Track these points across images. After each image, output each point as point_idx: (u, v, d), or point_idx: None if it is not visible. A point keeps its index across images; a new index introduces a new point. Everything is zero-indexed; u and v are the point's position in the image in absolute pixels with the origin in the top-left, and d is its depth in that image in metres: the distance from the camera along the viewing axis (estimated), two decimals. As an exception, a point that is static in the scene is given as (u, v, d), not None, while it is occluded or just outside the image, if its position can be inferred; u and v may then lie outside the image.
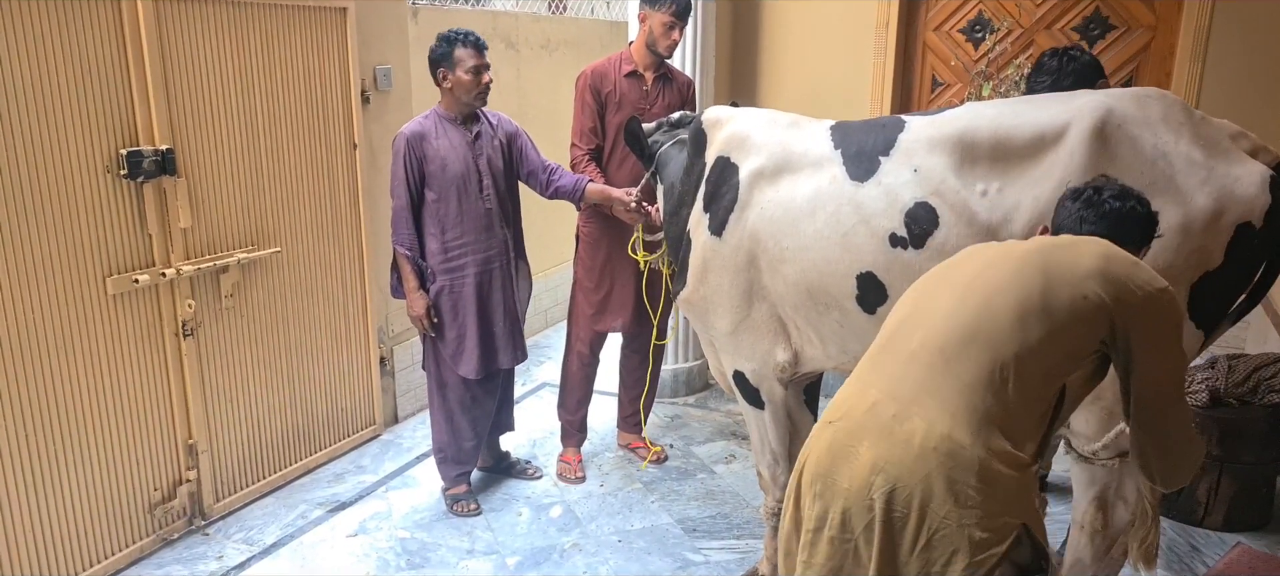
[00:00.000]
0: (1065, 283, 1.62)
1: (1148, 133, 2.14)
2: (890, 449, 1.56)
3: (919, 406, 1.58)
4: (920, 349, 1.65)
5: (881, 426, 1.59)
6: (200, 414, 3.39)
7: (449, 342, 3.41)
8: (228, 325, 3.46)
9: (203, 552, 3.28)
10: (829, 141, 2.52)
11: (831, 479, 1.64)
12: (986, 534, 1.53)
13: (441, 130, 3.33)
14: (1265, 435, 3.20)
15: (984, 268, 1.71)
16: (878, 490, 1.55)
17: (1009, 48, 4.12)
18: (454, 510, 3.55)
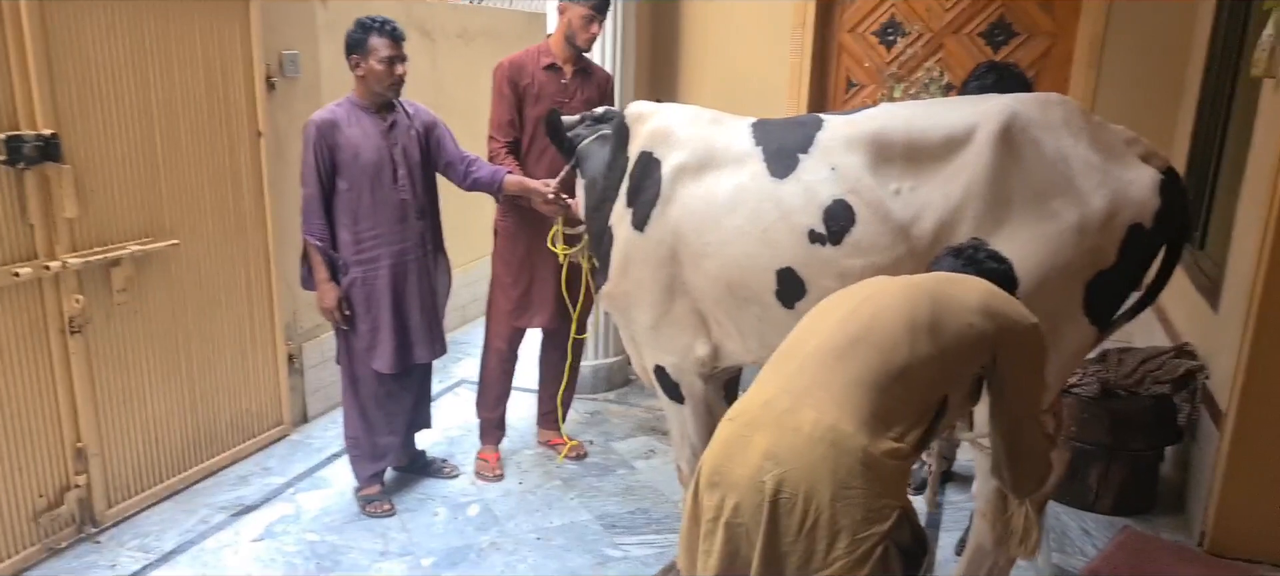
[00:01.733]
0: (953, 312, 1.79)
1: (1050, 136, 2.23)
2: (780, 437, 1.67)
3: (810, 399, 1.70)
4: (815, 351, 1.78)
5: (774, 418, 1.70)
6: (90, 415, 3.20)
7: (362, 336, 3.33)
8: (121, 321, 3.28)
9: (94, 561, 3.11)
10: (750, 138, 2.55)
11: (726, 470, 1.73)
12: (869, 514, 1.64)
13: (354, 118, 3.24)
14: (1151, 424, 3.39)
15: (877, 290, 1.87)
16: (768, 475, 1.65)
17: (919, 51, 4.25)
18: (367, 511, 3.46)
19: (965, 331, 1.78)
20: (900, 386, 1.72)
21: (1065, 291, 2.26)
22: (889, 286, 1.87)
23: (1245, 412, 3.02)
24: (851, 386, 1.70)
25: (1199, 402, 3.39)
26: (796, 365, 1.78)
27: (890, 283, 1.90)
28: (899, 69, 4.28)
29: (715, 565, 1.73)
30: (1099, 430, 3.37)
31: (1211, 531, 3.16)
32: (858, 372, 1.71)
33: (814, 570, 1.64)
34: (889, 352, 1.73)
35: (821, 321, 1.87)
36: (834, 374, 1.72)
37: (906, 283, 1.88)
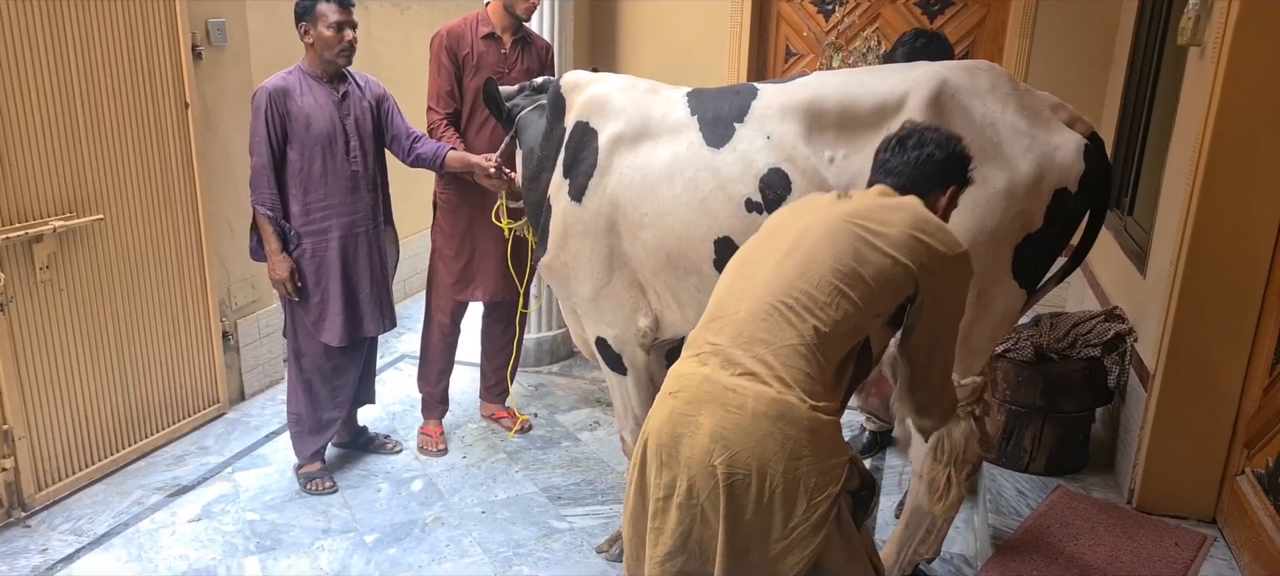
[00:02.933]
0: (877, 250, 1.77)
1: (978, 102, 2.26)
2: (725, 416, 1.66)
3: (749, 368, 1.69)
4: (748, 318, 1.75)
5: (716, 396, 1.69)
6: (15, 397, 3.10)
7: (312, 308, 3.28)
8: (45, 299, 3.17)
9: (24, 546, 3.03)
10: (686, 108, 2.54)
11: (674, 450, 1.72)
12: (821, 476, 1.66)
13: (306, 87, 3.18)
14: (1082, 386, 3.48)
15: (800, 235, 1.82)
16: (718, 457, 1.65)
17: (857, 20, 4.27)
18: (308, 489, 3.42)
19: (889, 270, 1.77)
20: (831, 342, 1.73)
21: (995, 255, 2.30)
22: (813, 232, 1.82)
23: (1171, 374, 3.12)
24: (788, 351, 1.69)
25: (1128, 364, 3.49)
26: (730, 335, 1.76)
27: (815, 225, 1.83)
28: (837, 38, 4.30)
29: (668, 543, 1.74)
30: (1032, 393, 3.44)
31: (1139, 489, 3.26)
32: (792, 339, 1.70)
33: (775, 540, 1.66)
34: (820, 311, 1.72)
35: (750, 281, 1.83)
36: (770, 337, 1.71)
37: (832, 225, 1.81)
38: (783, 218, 1.96)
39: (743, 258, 1.92)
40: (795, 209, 1.97)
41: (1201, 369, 3.08)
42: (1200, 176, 2.94)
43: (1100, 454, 3.66)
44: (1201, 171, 2.93)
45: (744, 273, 1.86)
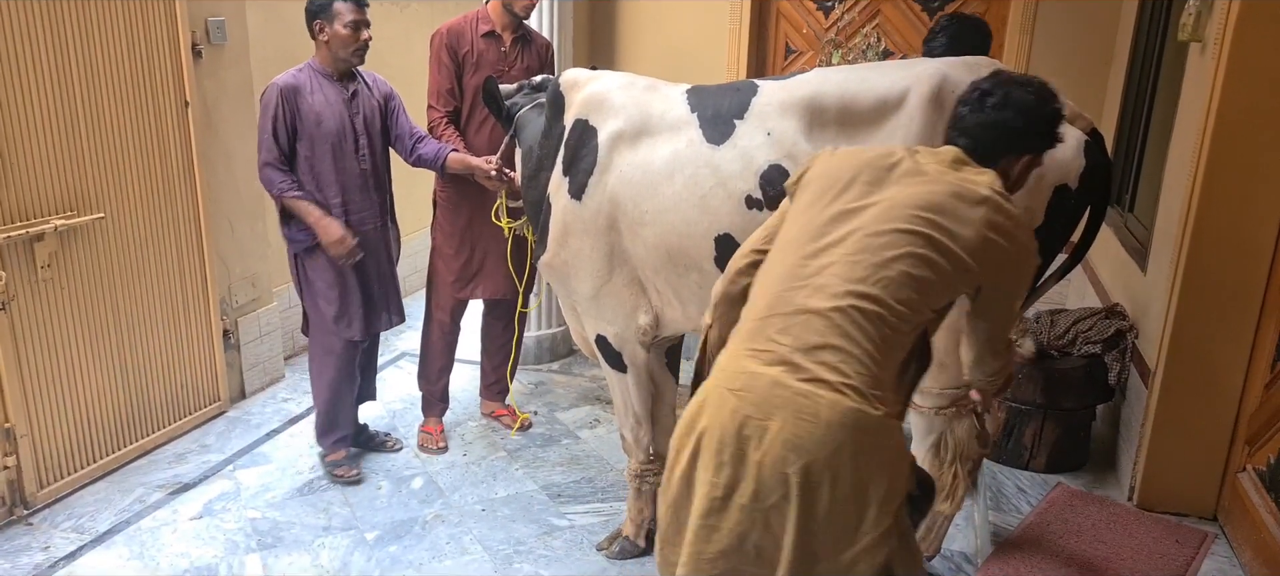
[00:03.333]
0: (950, 254, 1.68)
1: (980, 99, 2.25)
2: (799, 425, 1.59)
3: (819, 380, 1.60)
4: (816, 318, 1.65)
5: (788, 402, 1.60)
6: (17, 395, 3.10)
7: (333, 303, 3.31)
8: (47, 298, 3.18)
9: (26, 543, 3.03)
10: (686, 105, 2.53)
11: (739, 451, 1.64)
12: (892, 483, 1.63)
13: (317, 85, 3.20)
14: (1083, 383, 3.48)
15: (871, 224, 1.70)
16: (792, 466, 1.59)
17: (856, 17, 4.26)
18: (336, 477, 3.47)
19: (961, 274, 1.70)
20: (897, 342, 1.67)
21: (995, 253, 2.29)
22: (882, 222, 1.69)
23: (1172, 371, 3.11)
24: (858, 355, 1.61)
25: (1129, 361, 3.49)
26: (800, 330, 1.65)
27: (884, 214, 1.70)
28: (837, 35, 4.29)
29: (723, 542, 1.69)
30: (1033, 390, 3.44)
31: (1140, 486, 3.26)
32: (863, 340, 1.63)
33: (846, 549, 1.62)
34: (890, 313, 1.65)
35: (813, 266, 1.70)
36: (840, 340, 1.62)
37: (902, 216, 1.69)
38: (839, 185, 1.78)
39: (796, 237, 1.77)
40: (854, 171, 1.78)
41: (1202, 366, 3.08)
42: (1201, 173, 2.93)
43: (1101, 451, 3.66)
44: (1202, 168, 2.93)
45: (804, 259, 1.73)
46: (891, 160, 1.78)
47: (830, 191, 1.78)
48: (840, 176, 1.79)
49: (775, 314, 1.70)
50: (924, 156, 1.80)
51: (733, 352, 1.74)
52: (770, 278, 1.78)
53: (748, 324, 1.75)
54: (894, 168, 1.77)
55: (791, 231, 1.81)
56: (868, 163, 1.79)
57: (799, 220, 1.81)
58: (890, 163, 1.77)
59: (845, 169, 1.80)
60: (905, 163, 1.77)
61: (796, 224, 1.81)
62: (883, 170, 1.77)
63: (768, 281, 1.77)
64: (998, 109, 1.81)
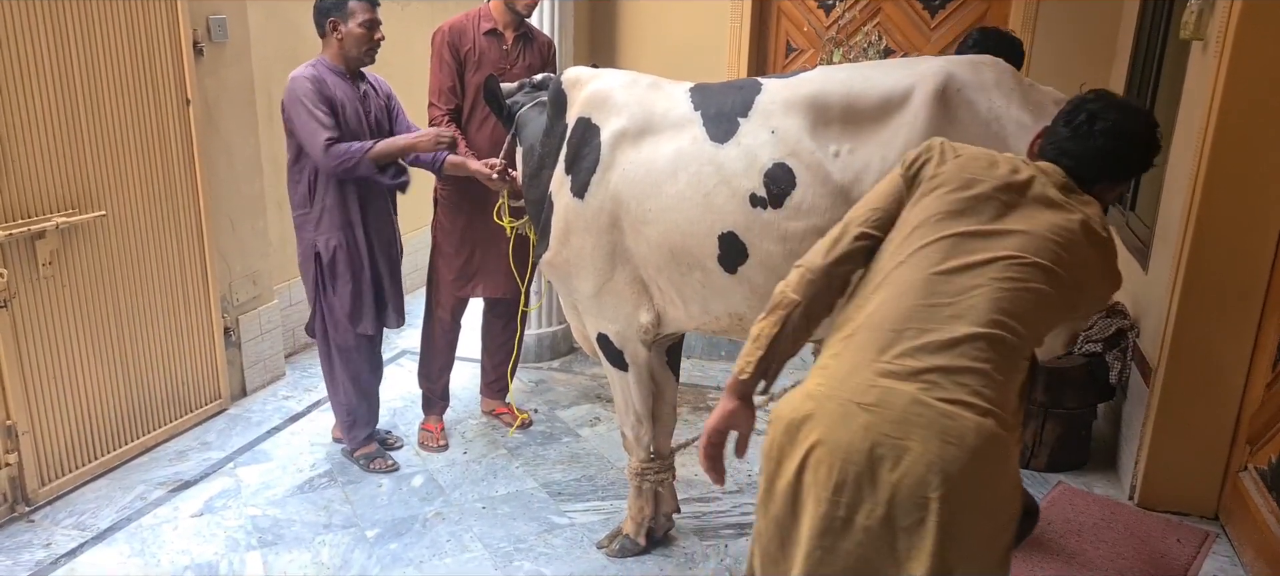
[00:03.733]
0: (1073, 291, 1.68)
1: (983, 97, 2.26)
2: (944, 448, 1.53)
3: (962, 403, 1.55)
4: (961, 342, 1.58)
5: (931, 423, 1.53)
6: (19, 392, 3.10)
7: (347, 298, 3.34)
8: (48, 295, 3.18)
9: (28, 540, 3.03)
10: (689, 103, 2.53)
11: (872, 470, 1.56)
12: (1012, 506, 1.62)
13: (333, 82, 3.21)
14: (1083, 383, 3.49)
15: (1019, 258, 1.65)
16: (935, 490, 1.52)
17: (858, 15, 4.26)
18: (373, 468, 3.54)
19: (1075, 306, 1.73)
20: (1022, 367, 1.66)
21: (998, 252, 2.29)
22: (1026, 253, 1.65)
23: (1173, 370, 3.12)
24: (999, 382, 1.57)
25: (1130, 360, 3.49)
26: (943, 351, 1.58)
27: (1028, 245, 1.66)
28: (838, 33, 4.29)
29: (842, 564, 1.61)
30: (1034, 389, 3.45)
31: (1141, 485, 3.27)
32: (1005, 367, 1.59)
33: (976, 569, 1.58)
34: (1026, 343, 1.63)
35: (955, 294, 1.62)
36: (986, 365, 1.57)
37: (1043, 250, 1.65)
38: (972, 197, 1.70)
39: (930, 249, 1.67)
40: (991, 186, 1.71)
41: (1204, 365, 3.08)
42: (1203, 171, 2.94)
43: (1102, 450, 3.67)
44: (1204, 166, 2.93)
45: (942, 275, 1.64)
46: (1021, 179, 1.73)
47: (963, 202, 1.70)
48: (974, 187, 1.71)
49: (912, 329, 1.61)
50: (1043, 179, 1.76)
51: (855, 363, 1.63)
52: (900, 285, 1.66)
53: (871, 333, 1.64)
54: (1026, 189, 1.72)
55: (921, 238, 1.69)
56: (1003, 181, 1.72)
57: (929, 226, 1.70)
58: (1021, 181, 1.73)
59: (978, 179, 1.72)
60: (1035, 185, 1.73)
61: (927, 229, 1.70)
62: (1016, 192, 1.72)
63: (896, 289, 1.67)
64: (1107, 137, 1.76)
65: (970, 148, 1.80)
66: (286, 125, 3.21)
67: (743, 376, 1.77)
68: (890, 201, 1.79)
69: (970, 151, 1.78)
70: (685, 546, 3.08)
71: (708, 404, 4.21)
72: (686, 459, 3.59)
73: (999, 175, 1.72)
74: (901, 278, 1.67)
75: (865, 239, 1.77)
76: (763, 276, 2.40)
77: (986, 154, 1.78)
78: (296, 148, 3.23)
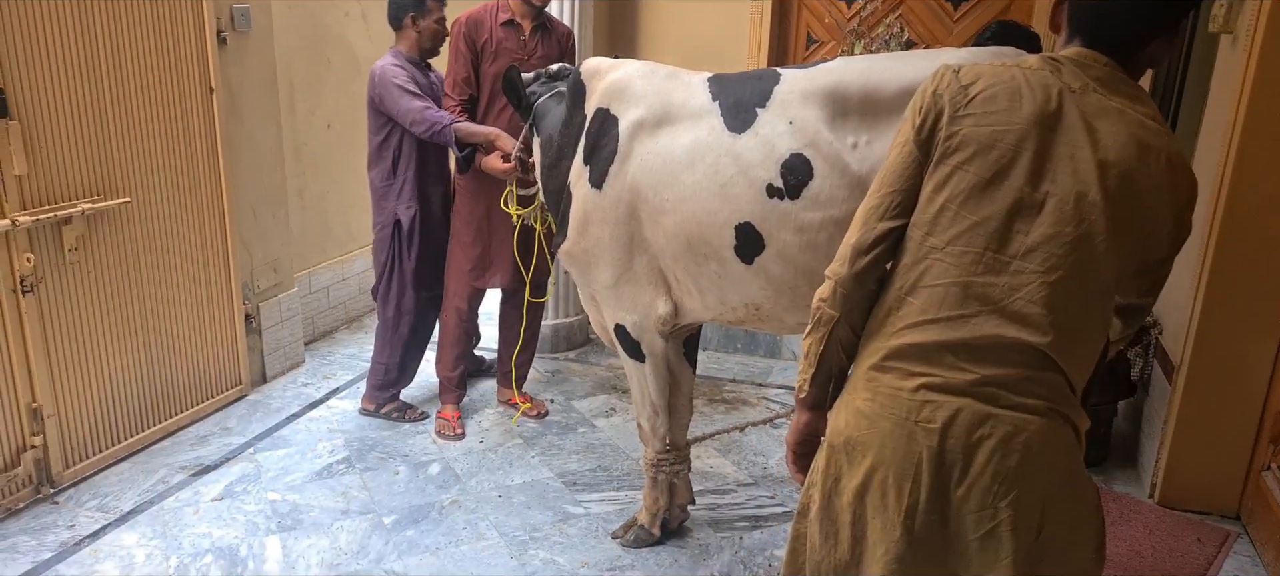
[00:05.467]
0: (1152, 243, 1.51)
1: (1004, 89, 2.23)
2: (1007, 457, 1.45)
3: (1029, 407, 1.45)
4: (1016, 348, 1.44)
5: (994, 432, 1.44)
6: (45, 376, 3.15)
7: (420, 262, 3.69)
8: (73, 280, 3.22)
9: (52, 522, 3.08)
10: (707, 93, 2.52)
11: (941, 486, 1.49)
12: (1091, 499, 1.55)
13: (409, 69, 3.55)
14: (1105, 378, 3.45)
15: (1067, 236, 1.44)
16: (1004, 499, 1.45)
17: (880, 7, 4.22)
18: (407, 418, 3.85)
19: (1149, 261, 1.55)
20: (1094, 357, 1.54)
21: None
22: (1076, 227, 1.43)
23: (1196, 367, 3.08)
24: (1065, 382, 1.46)
25: (1152, 357, 3.45)
26: (998, 351, 1.44)
27: (1074, 214, 1.43)
28: (860, 25, 4.25)
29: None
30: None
31: (1161, 483, 3.23)
32: (1071, 367, 1.46)
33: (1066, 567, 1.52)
34: (1098, 337, 1.50)
35: (1006, 280, 1.45)
36: (1046, 370, 1.44)
37: (1097, 223, 1.43)
38: (1001, 155, 1.45)
39: (965, 230, 1.47)
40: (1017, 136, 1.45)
41: (1227, 363, 3.04)
42: (1230, 166, 2.90)
43: (1122, 447, 3.63)
44: (1232, 161, 2.89)
45: (984, 270, 1.46)
46: (1053, 109, 1.45)
47: (989, 168, 1.46)
48: (998, 143, 1.45)
49: (959, 337, 1.46)
50: (1077, 85, 1.47)
51: (904, 376, 1.50)
52: (939, 289, 1.49)
53: (916, 342, 1.50)
54: (1058, 122, 1.45)
55: (952, 226, 1.49)
56: (1032, 120, 1.45)
57: (957, 208, 1.48)
58: (1053, 112, 1.45)
59: (1002, 132, 1.45)
60: (1068, 111, 1.45)
61: (956, 213, 1.48)
62: (1050, 127, 1.45)
63: (936, 295, 1.49)
64: None
65: (985, 78, 1.50)
66: (375, 107, 3.53)
67: (801, 395, 1.68)
68: (908, 180, 1.56)
69: (985, 90, 1.48)
70: (700, 538, 3.08)
71: (723, 396, 4.21)
72: (702, 451, 3.60)
73: (1026, 116, 1.45)
74: (940, 276, 1.49)
75: (890, 232, 1.57)
76: (780, 267, 2.40)
77: (1008, 83, 1.48)
78: (382, 129, 3.57)
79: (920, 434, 1.47)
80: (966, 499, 1.46)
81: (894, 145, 1.59)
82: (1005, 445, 1.43)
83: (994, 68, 1.51)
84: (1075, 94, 1.46)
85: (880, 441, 1.50)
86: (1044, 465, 1.45)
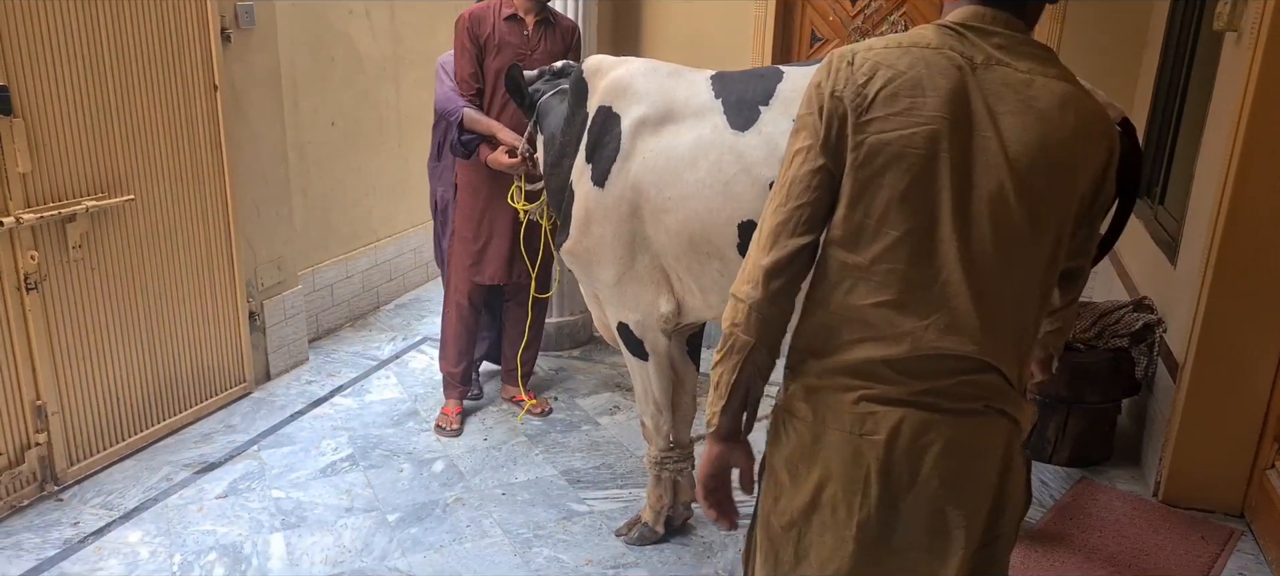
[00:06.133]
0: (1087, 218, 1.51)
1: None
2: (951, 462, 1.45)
3: (973, 411, 1.45)
4: (956, 359, 1.41)
5: (939, 437, 1.44)
6: (49, 373, 3.16)
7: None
8: (78, 278, 3.23)
9: (57, 519, 3.09)
10: (710, 91, 2.52)
11: (894, 501, 1.49)
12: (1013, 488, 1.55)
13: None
14: (1108, 377, 3.44)
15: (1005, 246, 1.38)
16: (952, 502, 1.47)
17: (883, 4, 4.22)
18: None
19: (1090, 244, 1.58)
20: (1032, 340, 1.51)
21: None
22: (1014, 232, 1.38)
23: (1201, 366, 3.08)
24: (1013, 372, 1.46)
25: (1156, 356, 3.44)
26: (936, 364, 1.41)
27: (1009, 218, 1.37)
28: (863, 22, 4.25)
29: None
30: (1057, 383, 3.41)
31: (1165, 481, 3.23)
32: (1017, 358, 1.46)
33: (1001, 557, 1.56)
34: (1027, 315, 1.46)
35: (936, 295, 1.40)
36: (989, 375, 1.43)
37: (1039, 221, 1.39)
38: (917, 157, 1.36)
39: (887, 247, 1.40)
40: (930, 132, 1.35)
41: (1232, 361, 3.04)
42: (1235, 164, 2.89)
43: (1126, 446, 3.62)
44: (1236, 159, 2.88)
45: (914, 287, 1.40)
46: (958, 98, 1.36)
47: (906, 174, 1.37)
48: (911, 147, 1.36)
49: (893, 354, 1.42)
50: (980, 57, 1.38)
51: (838, 388, 1.47)
52: (865, 300, 1.43)
53: (848, 356, 1.45)
54: (968, 111, 1.36)
55: (872, 235, 1.41)
56: (941, 110, 1.35)
57: (877, 217, 1.40)
58: (959, 103, 1.36)
59: (909, 133, 1.36)
60: (973, 95, 1.36)
61: (876, 222, 1.40)
62: (961, 109, 1.36)
63: (863, 306, 1.43)
64: None
65: (882, 71, 1.38)
66: None
67: (712, 426, 1.55)
68: (816, 192, 1.43)
69: (885, 89, 1.37)
70: (703, 535, 3.08)
71: (728, 394, 4.20)
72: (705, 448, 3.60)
73: (932, 111, 1.35)
74: (866, 296, 1.43)
75: (803, 249, 1.45)
76: (782, 266, 2.39)
77: (908, 75, 1.37)
78: (437, 115, 3.67)
79: (866, 446, 1.44)
80: (916, 506, 1.46)
81: (794, 149, 1.47)
82: (948, 450, 1.43)
83: (891, 54, 1.39)
84: (978, 69, 1.37)
85: (826, 455, 1.48)
86: (985, 463, 1.46)
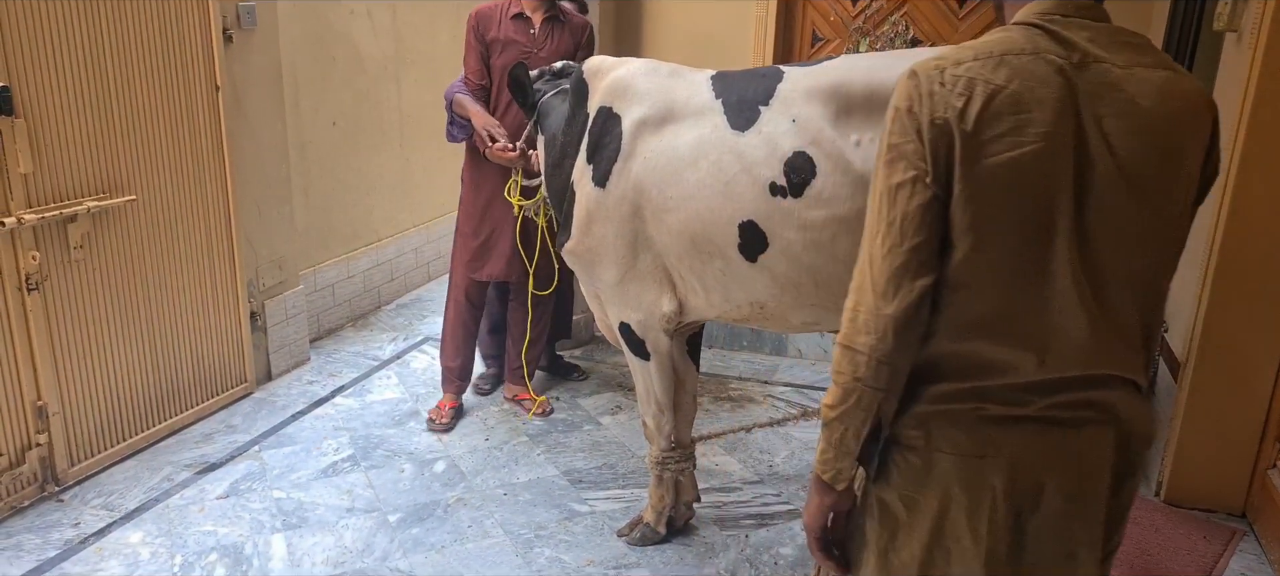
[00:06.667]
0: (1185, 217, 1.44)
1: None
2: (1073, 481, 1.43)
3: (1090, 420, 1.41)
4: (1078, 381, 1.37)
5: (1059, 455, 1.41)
6: (50, 374, 3.16)
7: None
8: (79, 278, 3.23)
9: (57, 520, 3.09)
10: (710, 91, 2.52)
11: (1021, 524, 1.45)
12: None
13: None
14: (1110, 376, 3.44)
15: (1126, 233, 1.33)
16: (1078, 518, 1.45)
17: (885, 4, 4.22)
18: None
19: None
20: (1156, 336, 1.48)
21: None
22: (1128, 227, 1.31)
23: (1203, 365, 3.07)
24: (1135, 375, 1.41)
25: (1157, 356, 3.44)
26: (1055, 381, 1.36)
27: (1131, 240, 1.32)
28: (865, 23, 4.25)
29: None
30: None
31: (1167, 481, 3.23)
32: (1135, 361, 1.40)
33: None
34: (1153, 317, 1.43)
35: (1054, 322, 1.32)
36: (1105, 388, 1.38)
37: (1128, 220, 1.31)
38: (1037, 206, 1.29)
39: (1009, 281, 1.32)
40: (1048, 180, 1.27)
41: (1233, 360, 3.03)
42: (1235, 164, 2.89)
43: (1128, 445, 3.62)
44: (1237, 159, 2.88)
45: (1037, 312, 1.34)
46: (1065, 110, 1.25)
47: (1021, 195, 1.28)
48: (1024, 174, 1.27)
49: (1008, 382, 1.36)
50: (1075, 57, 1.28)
51: (951, 415, 1.40)
52: (976, 326, 1.36)
53: (963, 383, 1.38)
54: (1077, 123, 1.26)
55: (988, 267, 1.32)
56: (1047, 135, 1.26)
57: (993, 249, 1.31)
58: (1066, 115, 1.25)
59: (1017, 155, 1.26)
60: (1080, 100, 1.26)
61: (991, 255, 1.32)
62: (1066, 139, 1.26)
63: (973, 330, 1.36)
64: None
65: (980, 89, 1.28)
66: None
67: (826, 477, 1.47)
68: (930, 228, 1.32)
69: (988, 109, 1.27)
70: (705, 536, 3.08)
71: (729, 393, 4.21)
72: (707, 448, 3.60)
73: (1038, 123, 1.26)
74: (982, 318, 1.35)
75: (927, 291, 1.34)
76: (784, 265, 2.40)
77: (1005, 85, 1.27)
78: None
79: (988, 469, 1.38)
80: (1043, 527, 1.41)
81: (895, 182, 1.34)
82: (1070, 467, 1.39)
83: (984, 68, 1.29)
84: (1077, 71, 1.27)
85: (943, 481, 1.41)
86: (1103, 476, 1.42)
